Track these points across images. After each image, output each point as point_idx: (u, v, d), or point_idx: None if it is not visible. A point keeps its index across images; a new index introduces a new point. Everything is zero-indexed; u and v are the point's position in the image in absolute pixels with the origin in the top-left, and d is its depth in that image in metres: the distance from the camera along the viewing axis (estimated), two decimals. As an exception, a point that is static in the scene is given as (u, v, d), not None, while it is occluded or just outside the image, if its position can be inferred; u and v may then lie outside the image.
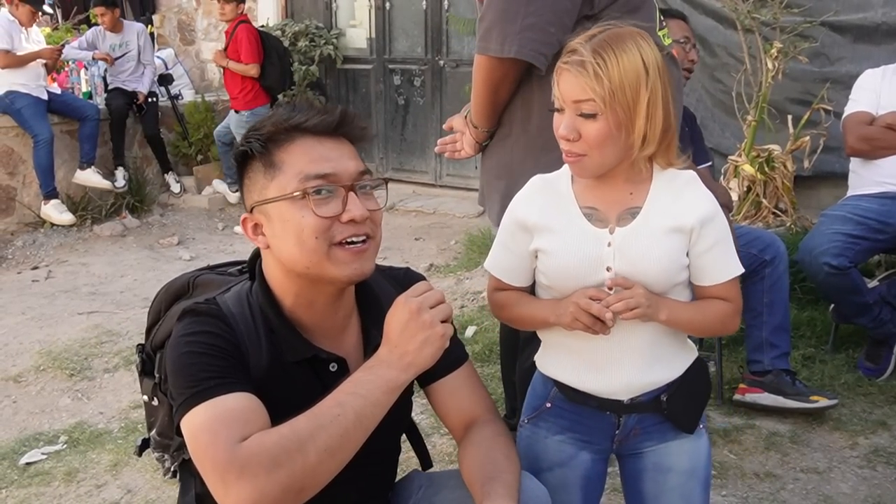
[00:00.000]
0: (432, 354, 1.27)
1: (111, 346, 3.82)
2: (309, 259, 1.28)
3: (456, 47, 6.58)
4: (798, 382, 2.89)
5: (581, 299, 1.37)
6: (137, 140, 6.58)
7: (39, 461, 2.82)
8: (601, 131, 1.34)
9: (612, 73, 1.31)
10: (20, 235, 5.71)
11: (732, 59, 4.66)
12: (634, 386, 1.46)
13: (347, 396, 1.22)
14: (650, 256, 1.38)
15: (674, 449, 1.51)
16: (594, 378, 1.47)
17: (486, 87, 1.92)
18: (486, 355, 3.43)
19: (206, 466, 1.18)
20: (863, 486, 2.51)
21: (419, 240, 5.60)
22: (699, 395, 1.53)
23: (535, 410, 1.57)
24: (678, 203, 1.41)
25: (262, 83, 5.98)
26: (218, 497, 1.17)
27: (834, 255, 2.87)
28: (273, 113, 1.35)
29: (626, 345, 1.43)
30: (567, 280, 1.41)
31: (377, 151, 7.06)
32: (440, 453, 2.69)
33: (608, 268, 1.39)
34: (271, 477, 1.14)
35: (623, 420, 1.50)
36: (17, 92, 5.55)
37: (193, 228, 6.19)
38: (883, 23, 4.35)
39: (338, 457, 1.20)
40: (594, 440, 1.53)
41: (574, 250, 1.41)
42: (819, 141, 4.21)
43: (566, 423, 1.53)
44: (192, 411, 1.21)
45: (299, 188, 1.28)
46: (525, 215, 1.47)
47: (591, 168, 1.39)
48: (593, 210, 1.43)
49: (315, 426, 1.19)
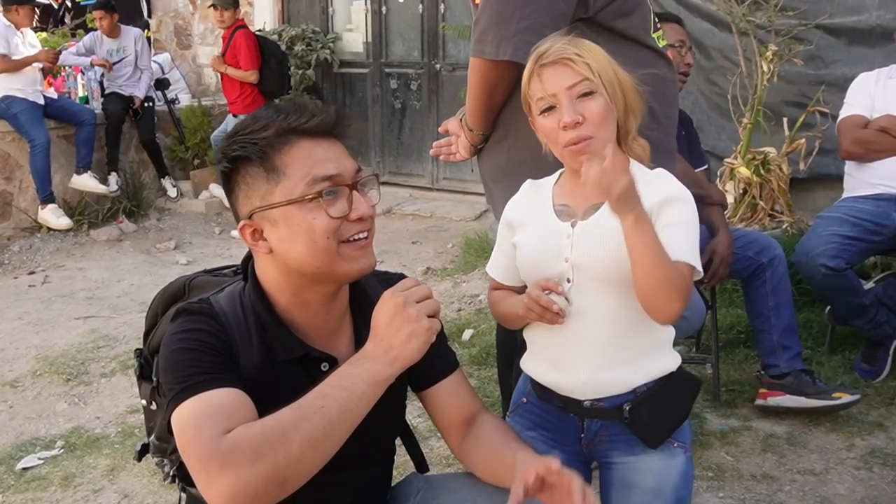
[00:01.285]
0: (418, 348, 1.28)
1: (108, 351, 3.82)
2: (320, 259, 1.30)
3: (452, 51, 6.60)
4: (818, 381, 2.89)
5: (532, 290, 1.42)
6: (134, 145, 6.58)
7: (36, 466, 2.82)
8: (603, 106, 1.39)
9: (589, 57, 1.39)
10: (17, 240, 5.71)
11: (728, 61, 4.67)
12: (592, 384, 1.45)
13: (332, 389, 1.23)
14: (604, 247, 1.39)
15: (641, 465, 1.48)
16: (555, 374, 1.49)
17: (481, 90, 1.93)
18: (483, 358, 3.44)
19: (190, 458, 1.19)
20: (859, 487, 2.51)
21: (416, 243, 5.60)
22: (672, 411, 1.48)
23: (514, 405, 1.63)
24: (642, 193, 1.36)
25: (260, 88, 5.99)
26: (202, 488, 1.17)
27: (830, 257, 2.88)
28: (259, 117, 1.33)
29: (590, 342, 1.44)
30: (531, 270, 1.47)
31: (374, 155, 7.07)
32: (438, 456, 2.69)
33: (566, 259, 1.43)
34: (254, 467, 1.14)
35: (586, 424, 1.50)
36: (14, 97, 5.55)
37: (190, 233, 6.18)
38: (877, 25, 4.36)
39: (321, 449, 1.20)
40: (562, 440, 1.53)
41: (537, 242, 1.47)
42: (814, 143, 4.22)
43: (537, 420, 1.57)
44: (181, 406, 1.22)
45: (308, 191, 1.28)
46: (509, 214, 1.56)
47: (599, 150, 1.37)
48: (565, 206, 1.48)
49: (299, 417, 1.19)
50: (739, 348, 3.43)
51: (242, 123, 1.34)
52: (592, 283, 1.41)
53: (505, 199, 1.60)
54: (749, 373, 3.24)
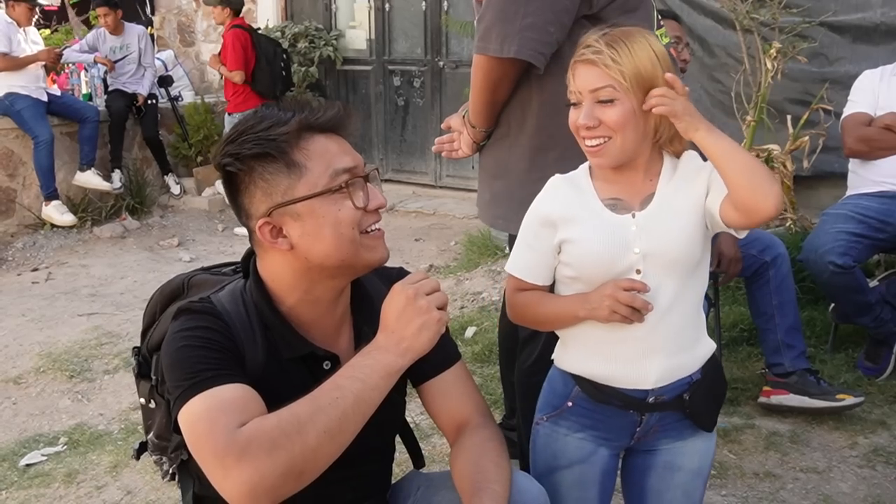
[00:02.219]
0: (429, 339, 1.29)
1: (111, 348, 3.82)
2: (346, 250, 1.31)
3: (455, 48, 6.59)
4: (823, 381, 2.88)
5: (619, 293, 1.38)
6: (137, 142, 6.59)
7: (39, 463, 2.82)
8: (621, 115, 1.39)
9: (625, 62, 1.37)
10: (20, 237, 5.72)
11: (731, 59, 4.66)
12: (664, 375, 1.46)
13: (346, 380, 1.24)
14: (673, 233, 1.42)
15: (687, 448, 1.54)
16: (624, 369, 1.46)
17: (484, 86, 1.93)
18: (485, 356, 3.44)
19: (204, 453, 1.18)
20: (862, 485, 2.51)
21: (419, 241, 5.60)
22: (718, 393, 1.56)
23: (554, 409, 1.56)
24: (685, 177, 1.46)
25: (252, 87, 5.98)
26: (217, 483, 1.17)
27: (839, 254, 2.87)
28: (265, 116, 1.32)
29: (658, 333, 1.44)
30: (596, 266, 1.43)
31: (377, 153, 7.06)
32: (440, 454, 2.69)
33: (636, 250, 1.42)
34: (271, 459, 1.14)
35: (645, 418, 1.50)
36: (17, 94, 5.56)
37: (193, 230, 6.19)
38: (882, 23, 4.35)
39: (337, 440, 1.20)
40: (614, 437, 1.53)
41: (600, 237, 1.43)
42: (818, 141, 4.21)
43: (588, 422, 1.53)
44: (190, 402, 1.21)
45: (332, 184, 1.30)
46: (549, 210, 1.49)
47: (614, 153, 1.42)
48: (616, 200, 1.46)
49: (314, 409, 1.19)
50: (742, 346, 3.42)
51: (246, 124, 1.33)
52: (661, 270, 1.42)
53: (503, 196, 1.59)
54: (752, 371, 3.23)
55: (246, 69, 5.88)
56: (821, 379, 2.89)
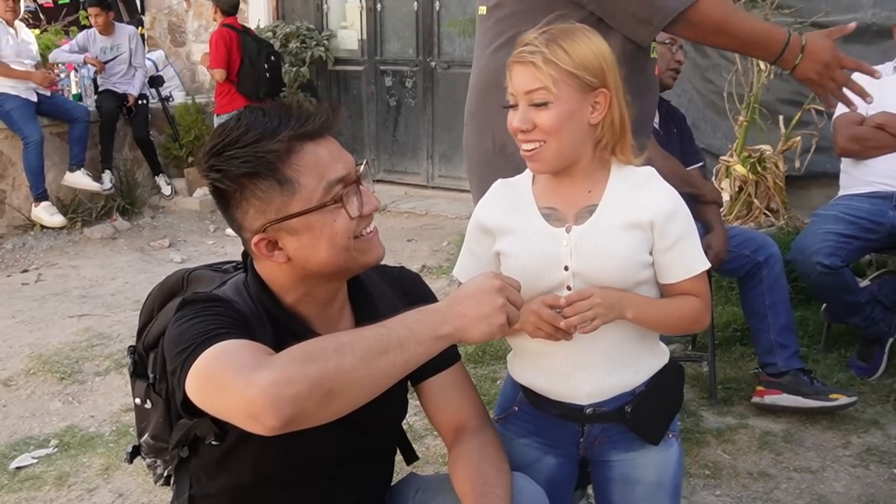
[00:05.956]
0: (483, 333, 1.22)
1: (102, 350, 3.80)
2: (343, 258, 1.30)
3: (447, 49, 6.58)
4: (816, 381, 2.89)
5: (542, 310, 1.34)
6: (128, 142, 6.55)
7: (30, 465, 2.80)
8: (555, 118, 1.34)
9: (562, 60, 1.32)
10: (10, 238, 5.68)
11: (724, 59, 4.67)
12: (596, 391, 1.43)
13: (395, 324, 1.19)
14: (607, 253, 1.36)
15: (641, 461, 1.49)
16: (556, 383, 1.45)
17: (726, 26, 1.82)
18: (478, 357, 3.43)
19: (225, 378, 1.11)
20: (856, 484, 2.52)
21: (411, 241, 5.59)
22: (667, 404, 1.50)
23: (504, 412, 1.58)
24: (636, 199, 1.39)
25: (237, 88, 5.95)
26: (236, 397, 1.09)
27: (826, 255, 2.88)
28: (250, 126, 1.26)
29: (591, 349, 1.41)
30: (524, 280, 1.34)
31: (369, 153, 7.05)
32: (434, 455, 2.69)
33: (566, 267, 1.38)
34: (301, 368, 1.09)
35: (587, 429, 1.48)
36: (6, 94, 5.53)
37: (185, 231, 6.16)
38: (873, 23, 4.37)
39: (373, 370, 1.13)
40: (558, 445, 1.52)
41: (531, 250, 1.40)
42: (810, 141, 4.23)
43: (532, 428, 1.53)
44: (203, 354, 1.15)
45: (326, 197, 1.27)
46: (486, 218, 1.47)
47: (549, 157, 1.37)
48: (552, 210, 1.42)
49: (356, 336, 1.16)
50: (735, 346, 3.43)
51: (229, 135, 1.26)
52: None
53: (488, 185, 1.55)
54: (745, 371, 3.24)
55: (231, 69, 5.85)
56: (814, 379, 2.90)
